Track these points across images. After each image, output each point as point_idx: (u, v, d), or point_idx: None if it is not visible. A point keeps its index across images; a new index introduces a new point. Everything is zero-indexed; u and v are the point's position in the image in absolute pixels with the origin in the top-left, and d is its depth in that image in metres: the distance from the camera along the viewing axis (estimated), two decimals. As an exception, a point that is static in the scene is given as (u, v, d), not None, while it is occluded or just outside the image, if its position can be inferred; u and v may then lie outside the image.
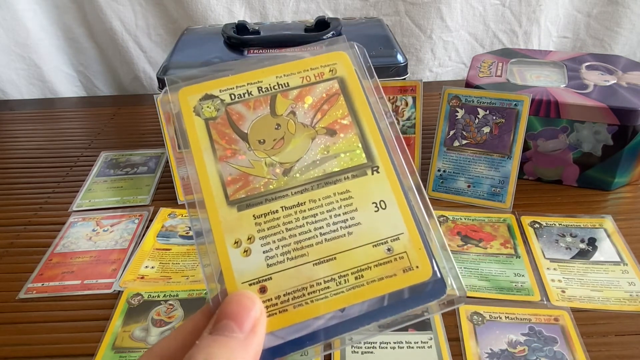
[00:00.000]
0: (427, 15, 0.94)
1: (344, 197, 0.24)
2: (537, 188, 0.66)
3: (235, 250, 0.23)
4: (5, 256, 0.58)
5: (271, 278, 0.23)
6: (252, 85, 0.26)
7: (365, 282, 0.23)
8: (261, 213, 0.23)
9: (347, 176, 0.24)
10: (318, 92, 0.26)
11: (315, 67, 0.26)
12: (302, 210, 0.24)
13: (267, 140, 0.25)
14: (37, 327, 0.49)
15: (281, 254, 0.23)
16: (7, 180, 0.73)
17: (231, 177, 0.24)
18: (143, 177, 0.72)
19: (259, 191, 0.24)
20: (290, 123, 0.25)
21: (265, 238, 0.23)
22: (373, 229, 0.23)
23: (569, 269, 0.53)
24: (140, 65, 1.00)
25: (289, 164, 0.25)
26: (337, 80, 0.26)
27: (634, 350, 0.44)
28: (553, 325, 0.46)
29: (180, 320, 0.49)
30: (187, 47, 0.70)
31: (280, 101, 0.26)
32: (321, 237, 0.23)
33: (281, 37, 0.68)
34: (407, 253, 0.23)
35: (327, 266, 0.23)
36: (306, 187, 0.24)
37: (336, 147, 0.25)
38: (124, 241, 0.60)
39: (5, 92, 0.99)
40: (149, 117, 0.88)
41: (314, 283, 0.23)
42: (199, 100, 0.25)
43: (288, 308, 0.22)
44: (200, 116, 0.25)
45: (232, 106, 0.25)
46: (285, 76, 0.26)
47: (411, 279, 0.23)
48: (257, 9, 0.95)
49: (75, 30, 0.98)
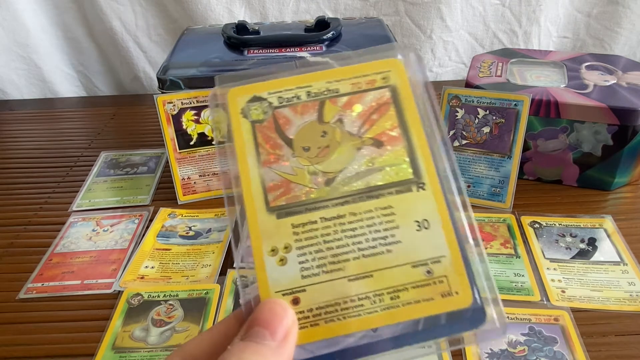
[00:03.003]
0: (427, 15, 0.94)
1: (386, 212, 0.23)
2: (537, 188, 0.66)
3: (271, 258, 0.22)
4: (5, 256, 0.58)
5: (305, 290, 0.22)
6: (301, 90, 0.25)
7: (401, 304, 0.22)
8: (300, 222, 0.23)
9: (391, 191, 0.23)
10: (368, 100, 0.25)
11: (368, 74, 0.25)
12: (342, 223, 0.23)
13: (312, 148, 0.24)
14: (37, 327, 0.49)
15: (317, 266, 0.22)
16: (7, 180, 0.73)
17: (273, 183, 0.23)
18: (143, 177, 0.72)
19: (300, 200, 0.23)
20: (336, 131, 0.24)
21: (302, 248, 0.22)
22: (413, 249, 0.22)
23: (569, 269, 0.53)
24: (140, 65, 1.00)
25: (332, 174, 0.24)
26: (389, 89, 0.25)
27: (634, 350, 0.44)
28: (553, 325, 0.46)
29: (180, 320, 0.49)
30: (187, 47, 0.70)
31: (329, 107, 0.25)
32: (359, 252, 0.22)
33: (281, 37, 0.68)
34: (447, 277, 0.22)
35: (363, 283, 0.22)
36: (347, 200, 0.23)
37: (382, 160, 0.24)
38: (124, 241, 0.60)
39: (5, 92, 0.99)
40: (149, 117, 0.88)
41: (347, 299, 0.22)
42: (247, 102, 0.25)
43: (320, 322, 0.22)
44: (247, 118, 0.24)
45: (280, 110, 0.25)
46: (336, 82, 0.25)
47: (449, 305, 0.22)
48: (257, 9, 0.95)
49: (75, 30, 0.98)
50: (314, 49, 0.66)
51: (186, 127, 0.64)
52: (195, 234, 0.60)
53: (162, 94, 0.63)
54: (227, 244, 0.58)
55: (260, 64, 0.65)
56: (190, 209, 0.65)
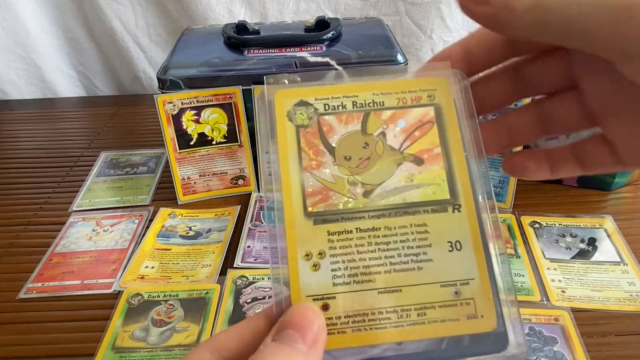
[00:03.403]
0: (427, 15, 0.94)
1: (420, 230, 0.23)
2: (537, 188, 0.66)
3: (305, 262, 0.23)
4: (5, 256, 0.58)
5: (335, 297, 0.22)
6: (347, 99, 0.25)
7: (427, 321, 0.22)
8: (336, 230, 0.23)
9: (427, 209, 0.23)
10: (412, 116, 0.25)
11: (414, 90, 0.25)
12: (376, 236, 0.23)
13: (353, 158, 0.24)
14: (37, 327, 0.49)
15: (348, 275, 0.23)
16: (7, 180, 0.73)
17: (312, 189, 0.24)
18: (143, 177, 0.72)
19: (337, 208, 0.23)
20: (379, 144, 0.24)
21: (335, 256, 0.23)
22: (444, 269, 0.23)
23: (569, 269, 0.53)
24: (140, 65, 1.00)
25: (370, 186, 0.24)
26: (434, 108, 0.25)
27: (634, 350, 0.44)
28: (553, 325, 0.46)
29: (181, 320, 0.49)
30: (187, 47, 0.70)
31: (373, 120, 0.25)
32: (390, 266, 0.23)
33: (281, 37, 0.68)
34: (474, 300, 0.22)
35: (392, 297, 0.22)
36: (384, 213, 0.23)
37: (420, 177, 0.24)
38: (124, 241, 0.60)
39: (5, 92, 0.99)
40: (149, 117, 0.88)
41: (375, 311, 0.22)
42: (294, 106, 0.25)
43: (347, 330, 0.22)
44: (292, 122, 0.24)
45: (325, 117, 0.25)
46: (382, 94, 0.25)
47: (473, 327, 0.22)
48: (257, 9, 0.95)
49: (75, 30, 0.98)
50: (314, 49, 0.66)
51: (186, 127, 0.64)
52: (195, 234, 0.60)
53: (162, 94, 0.63)
54: (227, 244, 0.58)
55: (260, 64, 0.65)
56: (190, 209, 0.65)
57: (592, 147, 0.25)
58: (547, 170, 0.26)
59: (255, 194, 0.67)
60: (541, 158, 0.26)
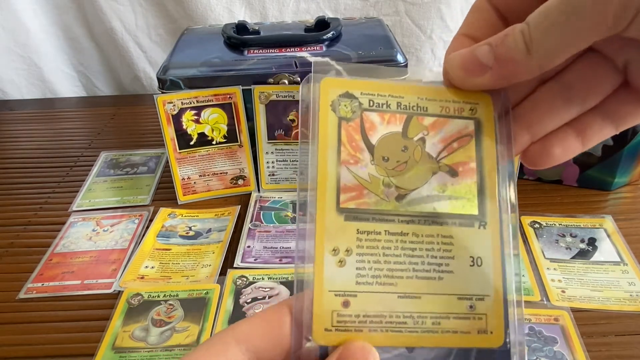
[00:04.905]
0: (427, 15, 0.94)
1: (446, 241, 0.23)
2: (537, 188, 0.66)
3: (331, 257, 0.23)
4: (5, 256, 0.58)
5: (356, 296, 0.22)
6: (393, 98, 0.25)
7: (440, 330, 0.23)
8: (365, 230, 0.23)
9: (455, 222, 0.24)
10: (452, 127, 0.25)
11: (458, 101, 0.25)
12: (404, 241, 0.23)
13: (391, 160, 0.24)
14: (37, 327, 0.49)
15: (372, 276, 0.23)
16: (7, 180, 0.73)
17: (347, 184, 0.23)
18: (143, 177, 0.72)
19: (369, 208, 0.23)
20: (417, 149, 0.24)
21: (362, 255, 0.23)
22: (463, 282, 0.23)
23: (569, 269, 0.53)
24: (140, 65, 1.00)
25: (404, 190, 0.24)
26: (474, 122, 0.25)
27: (634, 350, 0.44)
28: (553, 325, 0.46)
29: (181, 320, 0.49)
30: (187, 47, 0.70)
31: (415, 124, 0.25)
32: (413, 272, 0.23)
33: (281, 37, 0.68)
34: (486, 316, 0.23)
35: (410, 302, 0.23)
36: (414, 219, 0.24)
37: (453, 189, 0.24)
38: (124, 241, 0.60)
39: (5, 92, 0.99)
40: (149, 117, 0.88)
41: (393, 314, 0.23)
42: (339, 97, 0.24)
43: (363, 329, 0.22)
44: (336, 113, 0.24)
45: (368, 113, 0.24)
46: (427, 100, 0.25)
47: (482, 342, 0.23)
48: (257, 9, 0.95)
49: (75, 30, 0.98)
50: (314, 49, 0.66)
51: (186, 127, 0.64)
52: (195, 234, 0.60)
53: (162, 94, 0.63)
54: (227, 244, 0.58)
55: (260, 64, 0.65)
56: (190, 209, 0.65)
57: (620, 99, 0.24)
58: (579, 144, 0.25)
59: (255, 194, 0.67)
60: (567, 134, 0.25)
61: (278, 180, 0.67)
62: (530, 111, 0.25)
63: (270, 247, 0.58)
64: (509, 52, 0.21)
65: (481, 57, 0.22)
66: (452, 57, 0.24)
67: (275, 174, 0.67)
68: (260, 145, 0.66)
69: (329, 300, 0.22)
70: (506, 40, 0.21)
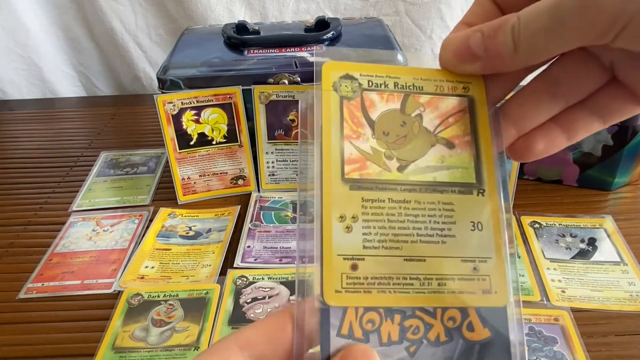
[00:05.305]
0: (427, 15, 0.94)
1: (447, 208, 0.25)
2: (537, 188, 0.66)
3: (338, 224, 0.24)
4: (5, 256, 0.58)
5: (364, 259, 0.24)
6: (390, 79, 0.27)
7: (446, 291, 0.24)
8: (370, 198, 0.25)
9: (454, 190, 0.25)
10: (447, 104, 0.27)
11: (451, 80, 0.27)
12: (406, 208, 0.25)
13: (391, 134, 0.26)
14: (37, 327, 0.49)
15: (378, 240, 0.24)
16: (7, 180, 0.73)
17: (350, 157, 0.25)
18: (143, 177, 0.72)
19: (373, 178, 0.25)
20: (415, 124, 0.26)
21: (367, 221, 0.24)
22: (465, 246, 0.25)
23: (569, 269, 0.53)
24: (140, 65, 1.00)
25: (405, 162, 0.26)
26: (467, 100, 0.27)
27: (634, 350, 0.44)
28: (553, 325, 0.46)
29: (180, 320, 0.49)
30: (187, 47, 0.70)
31: (412, 101, 0.27)
32: (417, 237, 0.24)
33: (281, 37, 0.68)
34: (490, 277, 0.24)
35: (416, 265, 0.24)
36: (415, 188, 0.25)
37: (451, 160, 0.26)
38: (124, 241, 0.60)
39: (5, 92, 0.99)
40: (149, 117, 0.88)
41: (400, 276, 0.24)
42: (340, 78, 0.26)
43: (372, 290, 0.23)
44: (337, 92, 0.26)
45: (367, 92, 0.26)
46: (422, 80, 0.27)
47: (487, 301, 0.24)
48: (257, 9, 0.95)
49: (75, 30, 0.98)
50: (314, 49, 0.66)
51: (186, 127, 0.64)
52: (195, 234, 0.60)
53: (162, 94, 0.63)
54: (227, 244, 0.58)
55: (260, 64, 0.65)
56: (190, 209, 0.65)
57: (608, 94, 0.25)
58: (564, 139, 0.26)
59: (255, 194, 0.67)
60: (551, 130, 0.26)
61: (278, 180, 0.68)
62: (517, 107, 0.26)
63: (270, 247, 0.58)
64: (497, 48, 0.23)
65: (473, 46, 0.24)
66: (447, 43, 0.25)
67: (275, 174, 0.67)
68: (260, 145, 0.66)
69: (338, 264, 0.23)
70: (497, 34, 0.23)
